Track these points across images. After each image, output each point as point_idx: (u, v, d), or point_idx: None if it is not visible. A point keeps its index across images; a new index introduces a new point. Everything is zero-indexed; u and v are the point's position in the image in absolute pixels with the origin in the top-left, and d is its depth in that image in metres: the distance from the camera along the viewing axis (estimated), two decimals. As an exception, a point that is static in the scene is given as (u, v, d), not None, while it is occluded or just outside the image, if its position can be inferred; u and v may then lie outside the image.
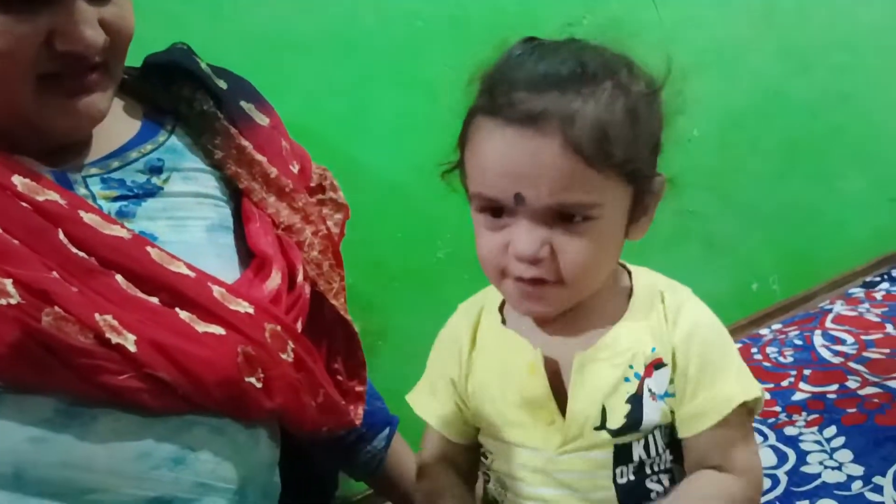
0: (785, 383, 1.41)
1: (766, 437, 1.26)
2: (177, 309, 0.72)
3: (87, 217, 0.71)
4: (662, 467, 0.71)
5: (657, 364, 0.69)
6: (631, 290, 0.72)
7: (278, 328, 0.77)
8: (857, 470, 1.11)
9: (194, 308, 0.72)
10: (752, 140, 1.86)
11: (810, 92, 1.94)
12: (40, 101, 0.71)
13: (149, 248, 0.73)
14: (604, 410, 0.68)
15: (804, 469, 1.14)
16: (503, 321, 0.74)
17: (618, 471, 0.69)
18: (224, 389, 0.71)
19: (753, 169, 1.88)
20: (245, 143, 0.87)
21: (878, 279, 1.91)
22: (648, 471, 0.70)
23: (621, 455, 0.69)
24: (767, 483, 1.13)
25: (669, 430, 0.71)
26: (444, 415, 0.78)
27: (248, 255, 0.84)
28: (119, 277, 0.70)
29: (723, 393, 0.68)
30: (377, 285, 1.35)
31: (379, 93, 1.30)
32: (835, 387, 1.36)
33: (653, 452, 0.70)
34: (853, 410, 1.27)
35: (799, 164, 1.96)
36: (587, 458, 0.69)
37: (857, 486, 1.08)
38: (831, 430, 1.22)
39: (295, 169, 0.93)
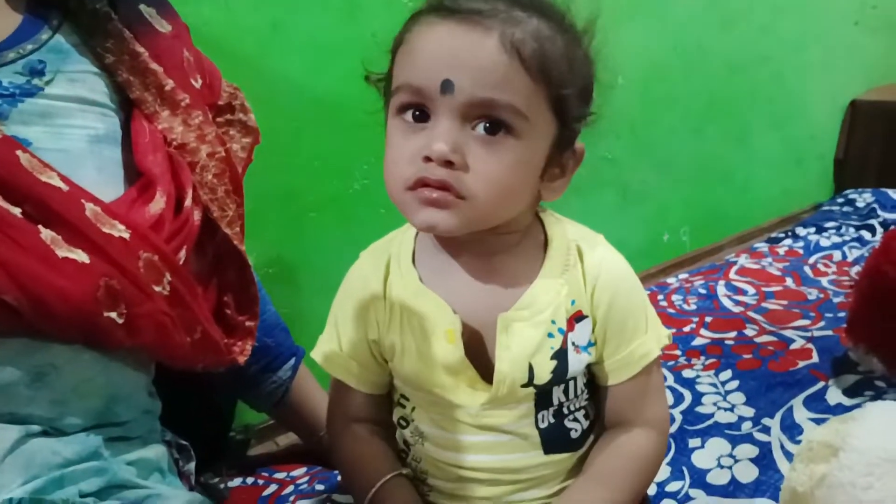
0: (687, 329, 1.45)
1: (664, 379, 1.29)
2: (40, 227, 0.66)
3: None
4: (579, 405, 0.73)
5: (578, 317, 0.69)
6: (546, 243, 0.71)
7: (155, 257, 0.72)
8: (748, 412, 1.16)
9: (61, 226, 0.66)
10: (672, 93, 1.88)
11: (731, 49, 1.98)
12: None
13: (19, 153, 0.67)
14: (530, 368, 0.68)
15: (698, 409, 1.18)
16: (420, 279, 0.71)
17: (539, 416, 0.70)
18: (76, 321, 0.66)
19: (671, 122, 1.91)
20: (140, 49, 0.80)
21: (782, 235, 1.98)
22: (566, 411, 0.72)
23: (541, 401, 0.70)
24: (664, 422, 1.17)
25: (586, 373, 0.72)
26: (357, 371, 0.75)
27: (135, 172, 0.78)
28: None
29: (642, 349, 0.70)
30: (290, 215, 1.31)
31: (299, 8, 1.24)
32: (733, 334, 1.41)
33: (571, 395, 0.71)
34: (748, 356, 1.32)
35: (715, 120, 2.00)
36: (512, 411, 0.70)
37: (746, 426, 1.12)
38: (727, 374, 1.27)
39: (197, 83, 0.87)
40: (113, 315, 0.68)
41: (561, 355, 0.68)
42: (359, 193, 1.36)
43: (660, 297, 1.64)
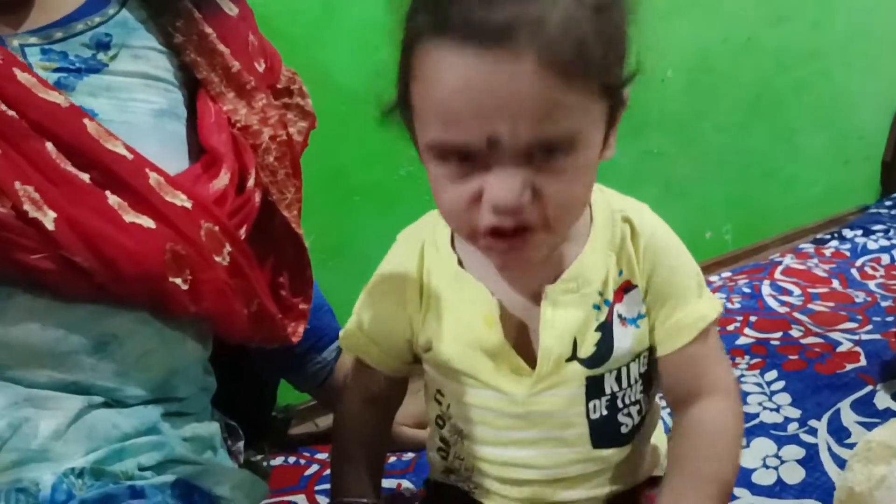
0: (731, 328, 1.43)
1: (731, 369, 1.28)
2: (107, 192, 0.66)
3: (23, 77, 0.65)
4: (633, 399, 0.70)
5: (626, 287, 0.67)
6: (591, 213, 0.69)
7: (216, 228, 0.73)
8: (794, 413, 1.14)
9: (126, 192, 0.67)
10: (720, 87, 1.85)
11: (780, 44, 1.94)
12: None
13: (86, 121, 0.68)
14: (574, 342, 0.66)
15: (744, 409, 1.16)
16: (459, 262, 0.68)
17: (591, 405, 0.68)
18: (144, 285, 0.67)
19: (718, 117, 1.88)
20: (208, 30, 0.81)
21: (828, 237, 1.94)
22: (620, 404, 0.69)
23: (593, 388, 0.68)
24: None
25: (644, 359, 0.70)
26: (377, 354, 0.75)
27: (198, 150, 0.79)
28: (50, 146, 0.64)
29: (696, 312, 0.68)
30: (335, 199, 1.31)
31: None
32: (779, 334, 1.39)
33: (624, 384, 0.69)
34: (794, 357, 1.30)
35: (762, 116, 1.96)
36: (560, 396, 0.68)
37: (792, 427, 1.10)
38: (772, 374, 1.25)
39: (261, 67, 0.87)
40: (178, 281, 0.69)
41: (606, 328, 0.67)
42: (404, 179, 1.36)
43: (702, 294, 1.62)
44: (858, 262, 1.74)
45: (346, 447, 0.78)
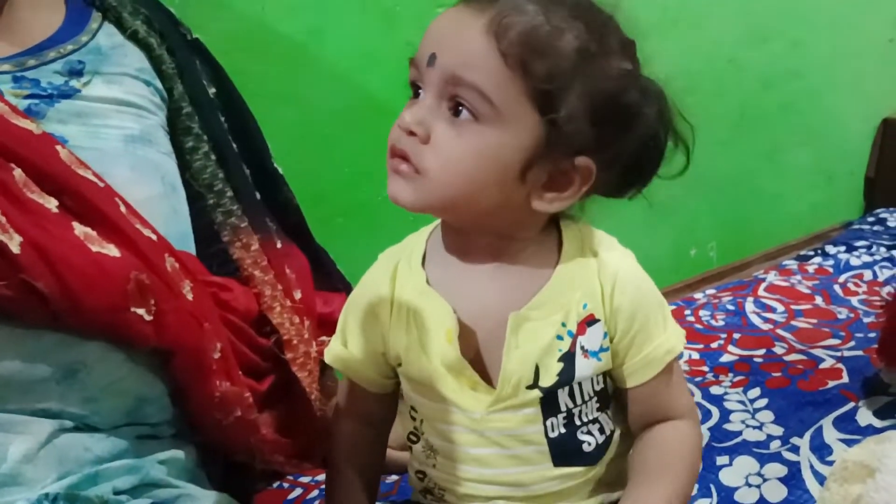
0: (714, 345, 1.44)
1: (692, 395, 1.28)
2: (75, 223, 0.66)
3: None
4: (590, 417, 0.71)
5: (589, 321, 0.68)
6: (560, 244, 0.70)
7: (177, 265, 0.72)
8: (777, 430, 1.14)
9: (96, 220, 0.67)
10: (703, 107, 1.85)
11: (764, 64, 1.96)
12: None
13: (58, 147, 0.67)
14: (536, 369, 0.67)
15: (726, 426, 1.16)
16: (427, 280, 0.70)
17: (548, 423, 0.69)
18: (105, 316, 0.66)
19: (701, 136, 1.87)
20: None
21: (811, 253, 1.96)
22: (578, 422, 0.70)
23: (548, 405, 0.68)
24: (690, 438, 1.16)
25: (599, 378, 0.71)
26: (362, 370, 0.75)
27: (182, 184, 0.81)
28: (18, 173, 0.64)
29: (665, 345, 0.69)
30: (317, 220, 1.31)
31: (337, 16, 1.25)
32: (762, 351, 1.39)
33: (578, 400, 0.69)
34: (778, 374, 1.30)
35: (746, 135, 1.98)
36: (517, 415, 0.68)
37: (775, 444, 1.11)
38: (755, 392, 1.25)
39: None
40: (142, 311, 0.67)
41: (568, 358, 0.67)
42: (387, 201, 1.35)
43: (687, 312, 1.63)
44: (841, 279, 1.75)
45: (339, 469, 0.78)
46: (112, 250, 0.67)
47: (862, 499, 0.71)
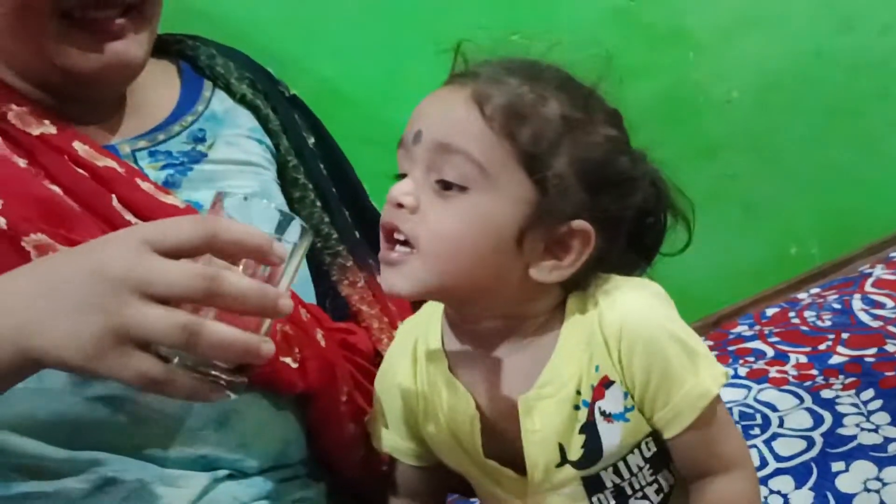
0: (822, 347, 1.40)
1: (802, 400, 1.26)
2: None
3: (144, 185, 0.73)
4: (644, 482, 0.68)
5: (606, 383, 0.64)
6: (565, 307, 0.66)
7: (308, 315, 0.78)
8: (894, 432, 1.11)
9: None
10: (791, 102, 1.83)
11: (852, 52, 1.90)
12: (64, 40, 0.70)
13: None
14: (560, 447, 0.65)
15: (840, 431, 1.14)
16: (449, 366, 0.68)
17: (594, 499, 0.67)
18: (263, 367, 0.69)
19: (793, 131, 1.85)
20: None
21: (920, 242, 1.88)
22: (629, 490, 0.68)
23: (592, 486, 0.67)
24: (803, 444, 1.14)
25: (649, 444, 0.68)
26: (403, 448, 0.75)
27: None
28: None
29: (695, 391, 0.63)
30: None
31: (410, 55, 1.30)
32: (873, 350, 1.35)
33: (626, 475, 0.67)
34: (891, 374, 1.26)
35: (839, 126, 1.92)
36: (560, 495, 0.67)
37: (893, 447, 1.08)
38: (868, 394, 1.22)
39: None
40: (288, 360, 0.73)
41: (590, 428, 0.64)
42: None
43: (791, 313, 1.59)
44: (956, 268, 1.68)
45: None
46: None
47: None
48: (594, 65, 0.65)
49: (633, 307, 0.64)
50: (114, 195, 0.71)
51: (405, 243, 0.61)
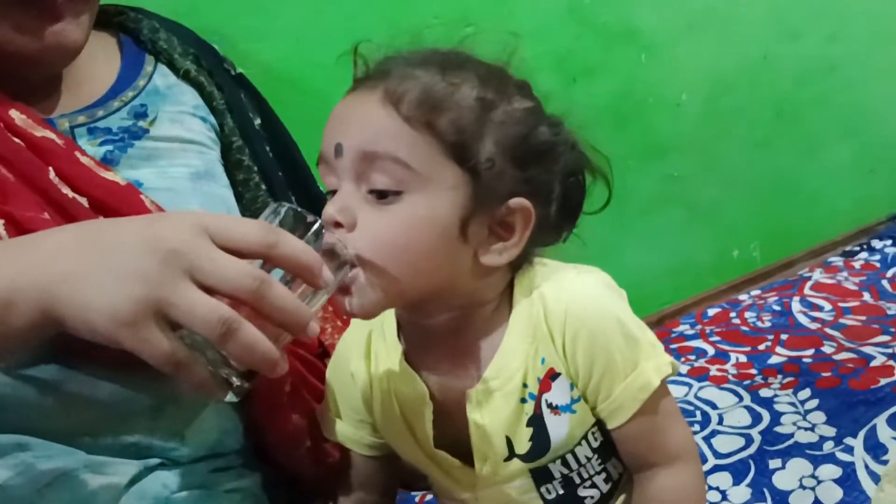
0: (762, 347, 1.43)
1: (741, 399, 1.28)
2: None
3: (84, 159, 0.70)
4: (593, 472, 0.68)
5: (552, 375, 0.64)
6: (510, 300, 0.65)
7: None
8: (830, 431, 1.14)
9: None
10: (738, 106, 1.86)
11: (798, 60, 1.94)
12: (2, 18, 0.67)
13: (142, 196, 0.71)
14: (508, 440, 0.64)
15: (778, 429, 1.16)
16: (405, 354, 0.67)
17: (542, 489, 0.67)
18: None
19: (739, 136, 1.88)
20: None
21: (857, 249, 1.93)
22: (578, 480, 0.68)
23: (540, 477, 0.67)
24: (742, 442, 1.16)
25: (595, 434, 0.67)
26: (355, 437, 0.73)
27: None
28: None
29: (637, 381, 0.63)
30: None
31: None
32: (811, 351, 1.39)
33: (574, 466, 0.67)
34: (828, 374, 1.29)
35: (784, 132, 1.96)
36: (510, 487, 0.67)
37: (828, 446, 1.10)
38: (805, 393, 1.25)
39: None
40: None
41: (536, 421, 0.64)
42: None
43: (732, 314, 1.62)
44: (889, 273, 1.73)
45: None
46: None
47: (918, 499, 0.71)
48: (505, 44, 0.64)
49: (578, 294, 0.64)
50: (51, 168, 0.67)
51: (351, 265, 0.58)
